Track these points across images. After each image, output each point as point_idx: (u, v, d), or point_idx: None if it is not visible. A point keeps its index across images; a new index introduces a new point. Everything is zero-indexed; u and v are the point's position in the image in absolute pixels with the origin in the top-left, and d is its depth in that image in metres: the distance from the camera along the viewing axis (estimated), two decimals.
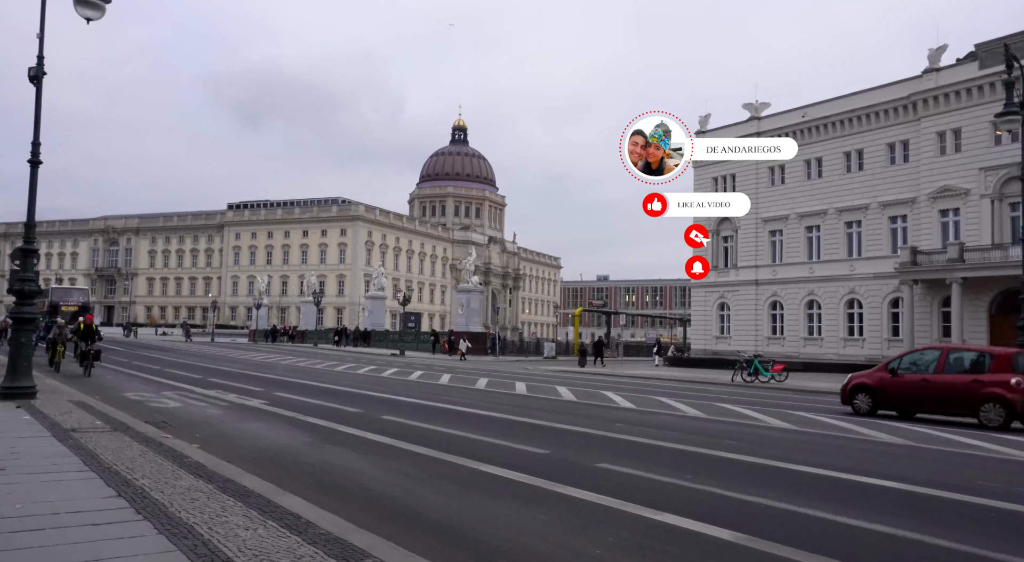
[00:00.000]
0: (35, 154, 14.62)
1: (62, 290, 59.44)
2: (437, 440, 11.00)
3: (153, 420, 12.58)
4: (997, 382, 14.44)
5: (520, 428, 12.79)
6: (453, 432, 11.95)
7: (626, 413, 15.80)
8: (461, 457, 9.44)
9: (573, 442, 11.28)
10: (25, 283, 14.40)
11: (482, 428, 12.57)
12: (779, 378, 27.48)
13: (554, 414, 15.17)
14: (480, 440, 11.14)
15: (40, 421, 11.39)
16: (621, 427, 13.01)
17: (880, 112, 40.14)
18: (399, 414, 14.35)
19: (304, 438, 11.20)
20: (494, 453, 9.94)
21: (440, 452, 9.83)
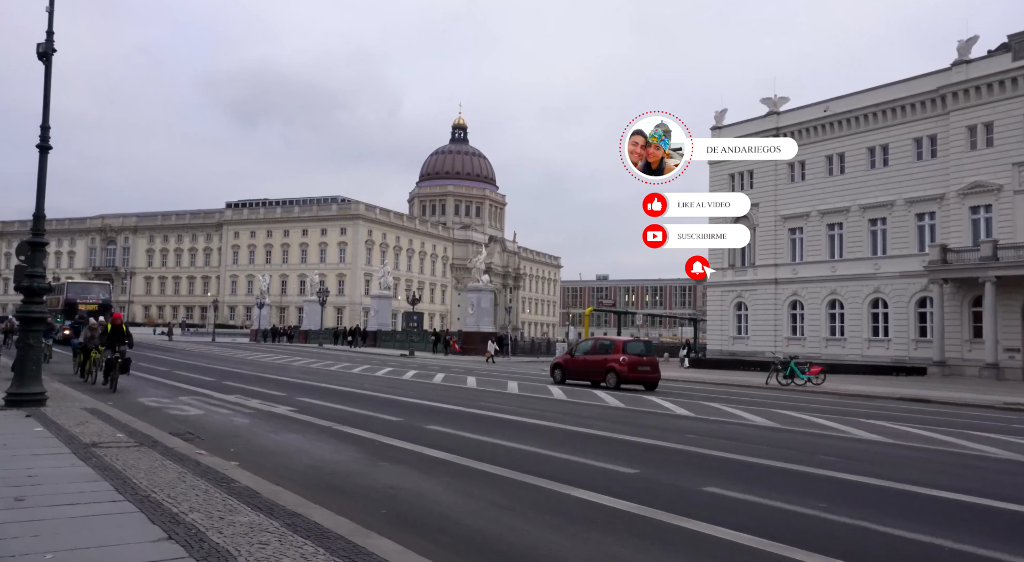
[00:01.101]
0: (44, 138, 13.38)
1: (79, 286, 51.71)
2: (502, 456, 9.78)
3: (178, 431, 11.37)
4: (615, 360, 23.55)
5: (585, 441, 11.58)
6: (515, 445, 10.72)
7: (689, 422, 14.57)
8: (541, 478, 8.22)
9: (656, 459, 10.05)
10: (34, 279, 13.16)
11: (544, 440, 11.35)
12: (816, 380, 26.31)
13: (610, 423, 13.94)
14: (552, 456, 9.91)
15: (54, 433, 10.15)
16: (695, 439, 11.79)
17: (906, 106, 38.99)
18: (443, 423, 13.12)
19: (352, 453, 9.98)
20: (576, 473, 8.73)
21: (514, 471, 8.61)
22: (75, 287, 48.53)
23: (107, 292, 49.10)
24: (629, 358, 23.40)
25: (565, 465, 9.29)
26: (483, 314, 50.29)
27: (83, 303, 42.84)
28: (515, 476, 8.39)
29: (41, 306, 13.27)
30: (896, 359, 38.51)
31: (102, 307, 40.93)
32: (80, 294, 45.76)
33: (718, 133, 48.63)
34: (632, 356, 23.63)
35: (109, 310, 37.10)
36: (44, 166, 13.47)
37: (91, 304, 42.63)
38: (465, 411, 15.36)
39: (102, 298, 46.22)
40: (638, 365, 23.45)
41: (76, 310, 39.46)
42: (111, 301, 47.63)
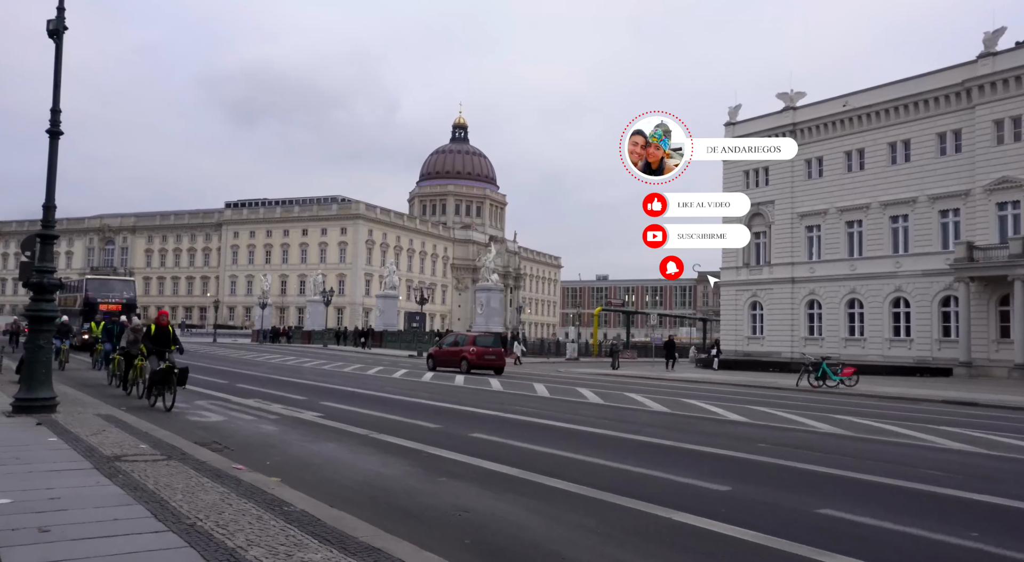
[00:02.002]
0: (55, 122, 12.40)
1: (99, 283, 45.31)
2: (568, 469, 8.80)
3: (204, 440, 10.38)
4: (467, 350, 29.73)
5: (648, 451, 10.62)
6: (577, 457, 9.74)
7: (748, 429, 13.57)
8: (625, 497, 7.25)
9: (739, 472, 9.07)
10: (44, 275, 12.15)
11: (603, 450, 10.37)
12: (849, 382, 25.34)
13: (661, 429, 12.98)
14: (623, 469, 8.94)
15: (71, 444, 9.15)
16: (768, 449, 10.81)
17: (929, 100, 38.03)
18: (485, 430, 12.14)
19: (403, 466, 8.99)
20: (660, 489, 7.76)
21: (591, 488, 7.62)
22: (95, 284, 42.87)
23: (131, 290, 43.20)
24: (478, 349, 29.54)
25: (644, 480, 8.32)
26: (492, 314, 49.27)
27: (104, 303, 37.52)
28: (596, 495, 7.41)
29: (52, 304, 12.27)
30: (919, 359, 37.57)
31: (126, 307, 36.10)
32: (101, 292, 40.03)
33: (732, 130, 47.71)
34: (480, 348, 29.71)
35: (133, 310, 33.83)
36: (55, 152, 12.48)
37: (113, 304, 37.29)
38: (502, 416, 14.38)
39: (126, 297, 40.21)
40: (485, 355, 29.45)
41: (96, 310, 34.80)
42: (135, 300, 42.09)
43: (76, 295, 40.81)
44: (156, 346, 14.25)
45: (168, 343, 14.30)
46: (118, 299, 39.15)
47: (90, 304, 37.11)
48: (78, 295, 40.43)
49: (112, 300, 38.59)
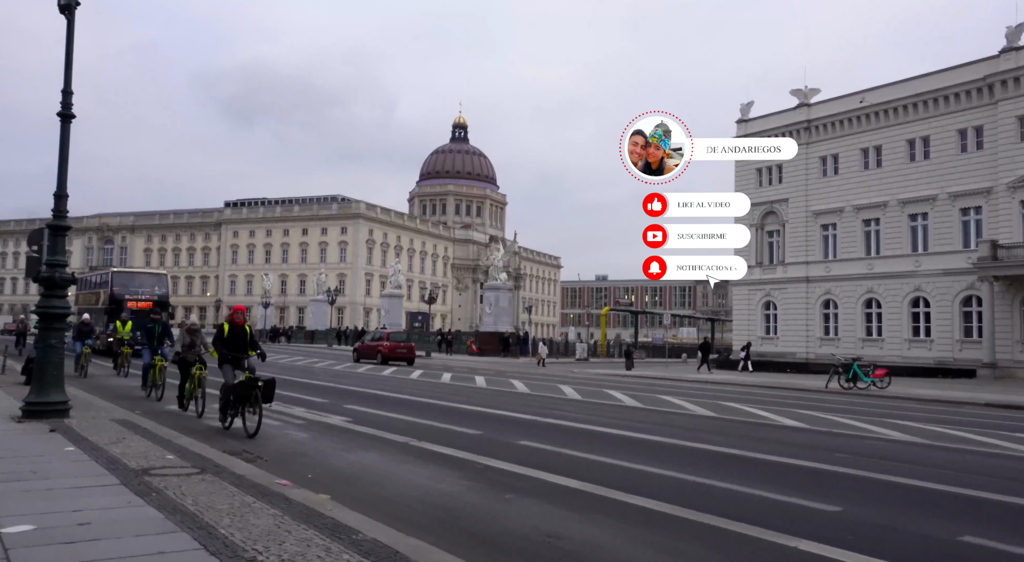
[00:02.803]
0: (66, 105, 11.54)
1: (126, 276, 38.98)
2: (649, 485, 7.95)
3: (233, 449, 9.52)
4: (383, 345, 35.72)
5: (718, 461, 9.79)
6: (647, 469, 8.89)
7: (811, 436, 12.69)
8: (736, 522, 6.38)
9: (838, 488, 8.20)
10: (55, 269, 11.27)
11: (669, 460, 9.52)
12: (881, 384, 24.52)
13: (719, 436, 12.11)
14: (710, 485, 8.04)
15: (91, 454, 8.26)
16: (847, 459, 9.95)
17: (950, 96, 37.21)
18: (533, 437, 11.28)
19: (459, 480, 8.12)
20: (768, 511, 6.90)
21: (690, 511, 6.74)
22: (122, 278, 36.46)
23: (163, 285, 37.35)
24: (391, 343, 36.03)
25: (736, 498, 7.45)
26: (501, 313, 48.33)
27: (133, 299, 32.40)
28: (697, 518, 6.54)
29: (64, 300, 11.38)
30: (939, 360, 36.76)
31: (158, 305, 31.43)
32: (129, 287, 34.34)
33: (744, 127, 46.89)
34: (393, 342, 36.27)
35: (166, 308, 30.67)
36: (67, 137, 11.61)
37: (143, 300, 32.13)
38: (543, 421, 13.50)
39: (157, 293, 34.85)
40: (397, 349, 35.48)
41: (123, 308, 30.54)
42: (168, 296, 36.89)
43: (99, 291, 36.19)
44: (232, 351, 11.46)
45: (246, 347, 11.54)
46: (148, 295, 33.56)
47: (116, 301, 32.26)
48: (101, 291, 35.61)
49: (142, 296, 33.23)
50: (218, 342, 11.57)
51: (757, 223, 46.04)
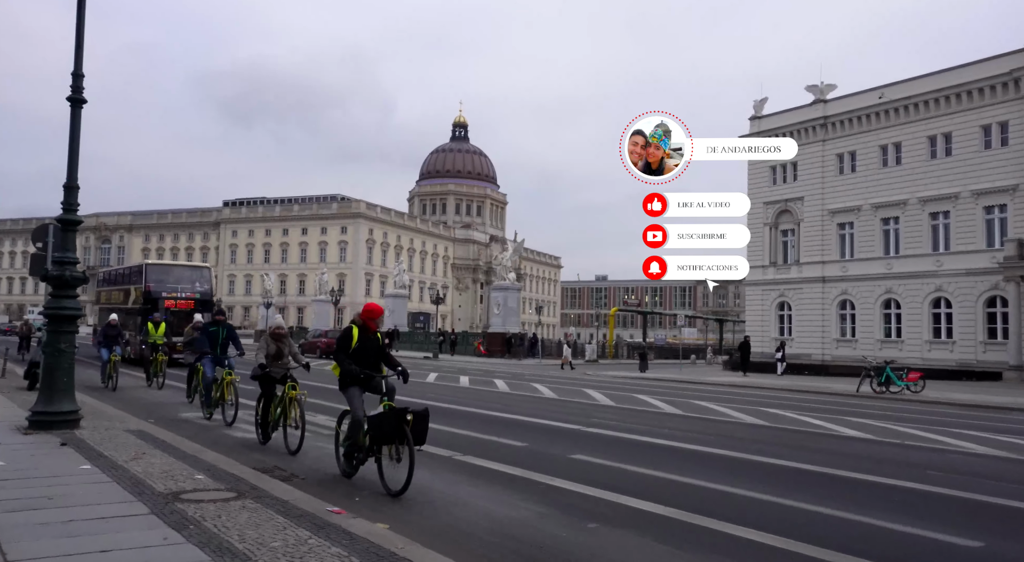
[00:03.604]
0: (77, 88, 10.61)
1: (162, 269, 32.49)
2: (749, 511, 7.02)
3: (264, 466, 8.58)
4: (321, 342, 40.11)
5: (800, 480, 8.85)
6: (733, 491, 7.95)
7: (882, 448, 11.78)
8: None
9: (964, 515, 7.30)
10: (65, 267, 10.30)
11: (749, 478, 8.61)
12: (915, 388, 23.62)
13: (783, 448, 11.20)
14: (817, 512, 7.07)
15: (111, 474, 7.30)
16: (941, 477, 9.03)
17: (973, 91, 36.32)
18: (584, 450, 10.35)
19: (529, 505, 7.18)
20: (902, 547, 5.98)
21: (816, 547, 5.77)
22: (157, 272, 30.44)
23: (206, 280, 31.08)
24: (328, 340, 39.29)
25: (852, 528, 6.52)
26: (510, 314, 47.34)
27: (171, 298, 27.48)
28: (827, 557, 5.59)
29: (74, 300, 10.40)
30: (962, 363, 35.88)
31: (200, 304, 27.47)
32: (165, 284, 28.90)
33: (758, 123, 46.01)
34: (330, 339, 38.24)
35: (210, 307, 25.50)
36: (77, 124, 10.66)
37: (183, 300, 27.66)
38: (587, 431, 12.55)
39: (199, 290, 29.44)
40: (331, 345, 33.97)
41: (159, 308, 26.29)
42: (212, 293, 30.97)
43: (130, 288, 30.74)
44: (363, 365, 7.99)
45: (380, 361, 8.17)
46: (189, 292, 28.52)
47: (152, 299, 27.29)
48: (132, 288, 30.16)
49: (182, 294, 28.12)
50: (341, 353, 8.06)
51: (771, 222, 45.20)
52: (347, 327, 8.25)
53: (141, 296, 27.93)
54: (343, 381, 8.06)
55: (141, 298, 27.78)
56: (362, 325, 8.16)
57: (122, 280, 33.05)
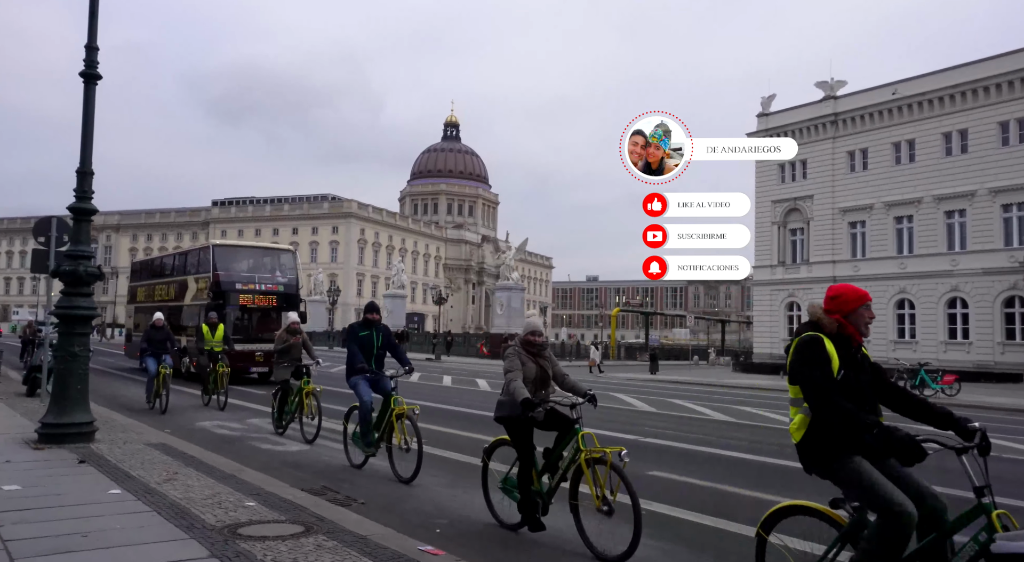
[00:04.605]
0: (91, 63, 9.49)
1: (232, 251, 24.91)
2: None
3: (312, 486, 7.57)
4: None
5: None
6: None
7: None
8: None
9: None
10: (79, 261, 9.21)
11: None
12: (949, 391, 22.78)
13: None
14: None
15: (147, 501, 6.21)
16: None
17: (990, 87, 35.61)
18: (659, 466, 9.31)
19: (648, 540, 6.11)
20: None
21: None
22: (227, 256, 23.02)
23: (290, 269, 23.65)
24: None
25: None
26: (514, 314, 46.29)
27: (246, 292, 21.35)
28: None
29: (89, 300, 9.32)
30: (979, 364, 35.14)
31: (283, 299, 21.77)
32: (240, 272, 22.28)
33: (765, 120, 45.23)
34: None
35: (295, 304, 21.10)
36: (91, 102, 9.57)
37: (263, 294, 21.64)
38: (646, 441, 11.52)
39: (282, 281, 22.69)
40: None
41: (231, 303, 20.90)
42: (298, 285, 23.48)
43: (186, 279, 23.45)
44: None
45: None
46: (269, 284, 22.07)
47: (222, 293, 20.92)
48: (193, 278, 22.95)
49: (261, 286, 21.75)
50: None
51: (779, 221, 44.41)
52: None
53: (208, 289, 21.15)
54: None
55: (209, 292, 21.07)
56: None
57: (173, 269, 25.68)
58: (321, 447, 10.46)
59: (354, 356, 8.79)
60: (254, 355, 20.76)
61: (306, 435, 10.72)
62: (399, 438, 8.40)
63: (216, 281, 21.07)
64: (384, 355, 9.02)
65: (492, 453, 6.62)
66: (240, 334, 20.49)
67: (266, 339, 19.13)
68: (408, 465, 8.07)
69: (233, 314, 20.87)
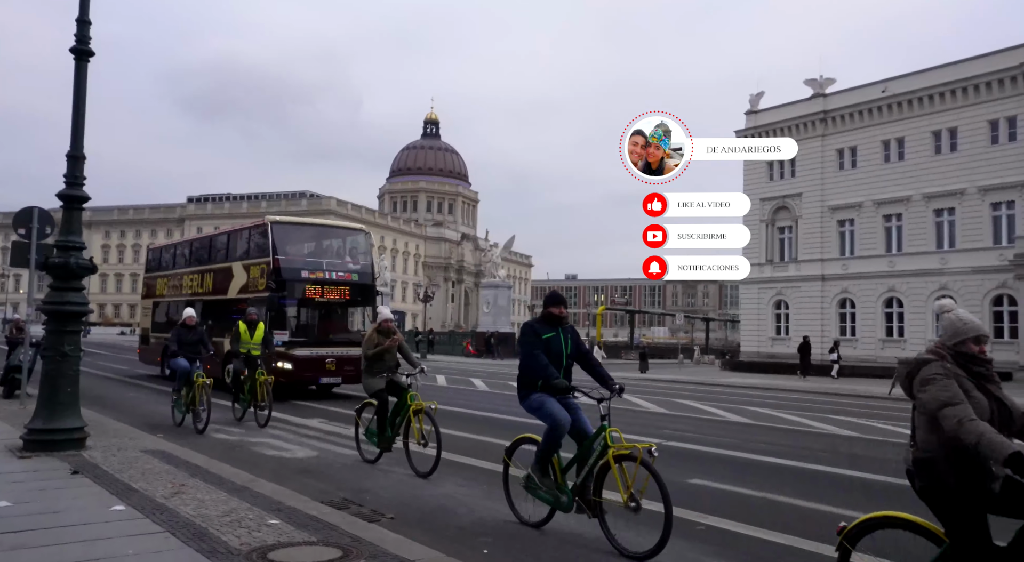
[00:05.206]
0: (82, 39, 8.77)
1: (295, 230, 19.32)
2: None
3: (333, 499, 6.89)
4: None
5: None
6: None
7: None
8: None
9: None
10: (69, 253, 8.48)
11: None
12: None
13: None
14: None
15: (157, 520, 5.53)
16: None
17: (980, 85, 35.50)
18: (696, 473, 8.77)
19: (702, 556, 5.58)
20: None
21: None
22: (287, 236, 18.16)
23: (363, 252, 19.09)
24: None
25: None
26: (500, 312, 45.70)
27: (315, 281, 17.10)
28: None
29: (80, 294, 8.58)
30: None
31: (357, 291, 17.77)
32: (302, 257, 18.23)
33: (754, 118, 44.94)
34: None
35: (371, 297, 17.93)
36: (83, 81, 8.84)
37: (333, 283, 17.35)
38: (671, 445, 10.96)
39: (355, 268, 18.26)
40: None
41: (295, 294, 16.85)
42: (373, 275, 19.21)
43: (229, 266, 18.73)
44: None
45: None
46: (342, 272, 17.75)
47: (283, 283, 16.58)
48: (240, 265, 18.22)
49: (331, 274, 17.44)
50: None
51: (767, 219, 44.14)
52: None
53: (267, 278, 16.61)
54: None
55: (269, 281, 16.47)
56: None
57: (211, 255, 20.37)
58: (329, 452, 9.80)
59: (539, 365, 5.97)
60: (323, 362, 16.46)
61: (416, 467, 8.16)
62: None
63: (276, 268, 16.55)
64: (572, 366, 6.23)
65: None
66: (303, 335, 16.75)
67: (337, 342, 16.93)
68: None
69: (298, 311, 17.03)
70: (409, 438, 8.48)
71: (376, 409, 8.78)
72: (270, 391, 11.99)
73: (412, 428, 8.45)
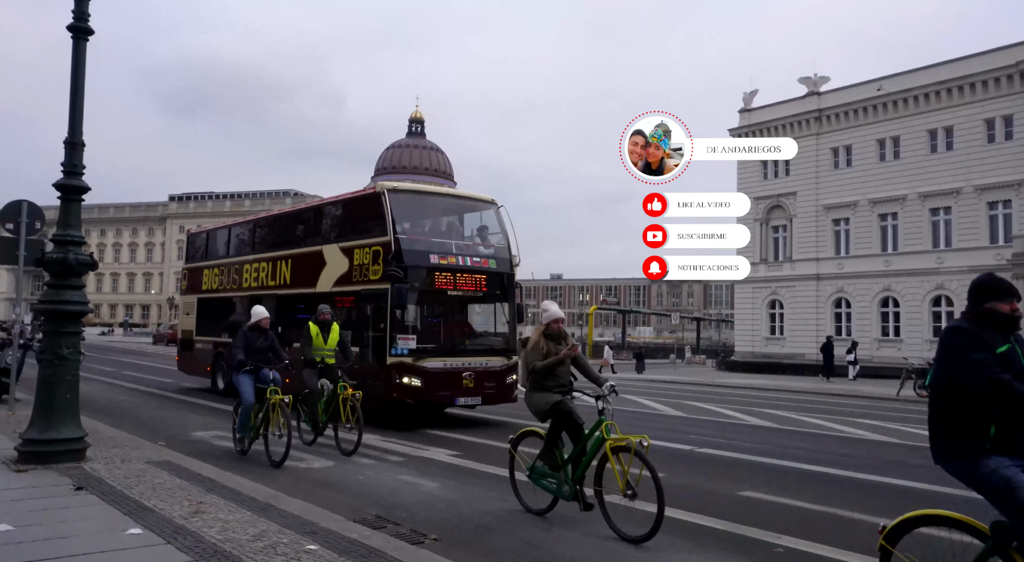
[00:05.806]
0: (80, 16, 8.11)
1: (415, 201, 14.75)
2: None
3: (366, 518, 6.26)
4: None
5: None
6: None
7: None
8: None
9: None
10: (68, 248, 7.81)
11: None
12: None
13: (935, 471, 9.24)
14: None
15: (179, 544, 4.91)
16: None
17: (976, 84, 35.29)
18: (743, 484, 8.23)
19: None
20: None
21: None
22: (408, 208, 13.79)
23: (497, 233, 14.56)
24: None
25: None
26: None
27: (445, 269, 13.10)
28: None
29: (80, 293, 7.90)
30: None
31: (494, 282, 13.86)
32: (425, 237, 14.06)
33: (747, 116, 44.60)
34: None
35: (511, 290, 14.07)
36: (81, 62, 8.19)
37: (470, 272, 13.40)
38: (703, 453, 10.43)
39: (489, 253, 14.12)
40: None
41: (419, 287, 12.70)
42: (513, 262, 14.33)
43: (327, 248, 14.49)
44: None
45: None
46: (475, 257, 13.84)
47: (405, 269, 12.42)
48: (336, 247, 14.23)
49: (465, 261, 13.51)
50: None
51: (761, 218, 43.76)
52: None
53: (385, 264, 12.56)
54: None
55: (388, 268, 12.43)
56: None
57: (289, 236, 16.55)
58: (348, 462, 9.17)
59: None
60: (460, 376, 12.50)
61: (623, 531, 5.92)
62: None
63: (398, 251, 12.51)
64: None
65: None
66: (429, 341, 12.79)
67: (472, 350, 13.09)
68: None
69: (421, 308, 13.15)
70: (602, 484, 6.19)
71: (548, 435, 6.59)
72: (358, 409, 9.64)
73: (611, 469, 6.03)
